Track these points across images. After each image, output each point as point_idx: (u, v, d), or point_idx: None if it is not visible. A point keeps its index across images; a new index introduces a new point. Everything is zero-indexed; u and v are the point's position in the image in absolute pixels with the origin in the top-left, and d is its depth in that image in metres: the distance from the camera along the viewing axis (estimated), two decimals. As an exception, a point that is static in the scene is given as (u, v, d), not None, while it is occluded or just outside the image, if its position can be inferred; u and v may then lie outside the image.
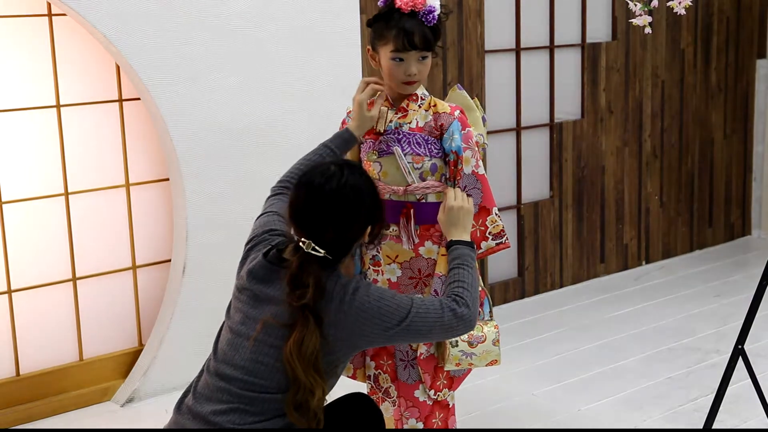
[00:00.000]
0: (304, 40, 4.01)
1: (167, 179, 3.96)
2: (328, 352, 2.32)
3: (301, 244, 2.34)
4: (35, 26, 3.64)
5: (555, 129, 5.11)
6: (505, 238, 2.92)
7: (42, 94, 3.69)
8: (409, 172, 2.88)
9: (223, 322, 2.47)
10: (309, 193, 2.35)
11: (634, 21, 3.05)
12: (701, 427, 3.24)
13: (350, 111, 3.03)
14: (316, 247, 2.32)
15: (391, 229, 2.92)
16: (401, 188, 2.89)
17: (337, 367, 2.40)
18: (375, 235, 2.46)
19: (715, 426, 3.18)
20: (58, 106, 3.71)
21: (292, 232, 2.41)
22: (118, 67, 3.80)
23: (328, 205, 2.34)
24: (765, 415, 3.15)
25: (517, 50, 4.93)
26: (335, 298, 2.32)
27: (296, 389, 2.27)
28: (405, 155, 2.88)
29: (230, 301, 2.48)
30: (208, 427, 2.31)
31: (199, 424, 2.33)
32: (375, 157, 2.91)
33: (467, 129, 2.89)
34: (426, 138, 2.88)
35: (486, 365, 2.92)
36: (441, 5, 2.85)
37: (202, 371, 2.46)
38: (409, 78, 2.82)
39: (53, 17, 3.66)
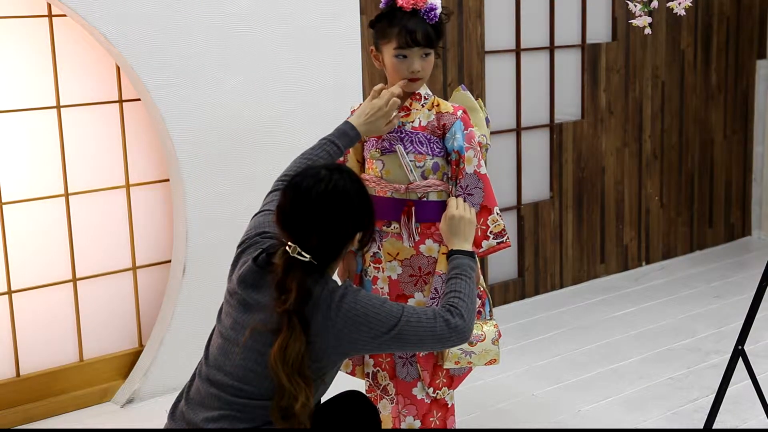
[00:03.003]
0: (304, 41, 4.02)
1: (167, 180, 3.96)
2: (316, 359, 2.30)
3: (287, 248, 2.31)
4: (35, 27, 3.65)
5: (555, 129, 5.12)
6: (506, 237, 2.93)
7: (42, 95, 3.69)
8: (411, 170, 2.90)
9: (215, 326, 2.46)
10: (295, 197, 2.33)
11: (634, 22, 3.05)
12: (701, 427, 3.24)
13: (354, 110, 3.04)
14: (302, 252, 2.30)
15: (392, 227, 2.93)
16: (403, 186, 2.90)
17: (326, 375, 2.38)
18: (364, 243, 2.43)
19: (715, 426, 3.18)
20: (58, 106, 3.71)
21: (279, 233, 2.38)
22: (118, 68, 3.80)
23: (314, 209, 2.31)
24: (765, 415, 3.15)
25: (517, 51, 4.93)
26: (322, 304, 2.29)
27: (281, 395, 2.25)
28: (407, 153, 2.90)
29: (221, 305, 2.46)
30: None
31: None
32: (378, 154, 2.93)
33: (470, 129, 2.91)
34: (428, 137, 2.90)
35: (485, 364, 2.93)
36: (442, 6, 2.87)
37: (194, 376, 2.45)
38: (412, 75, 2.85)
39: (53, 18, 3.66)
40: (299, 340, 2.25)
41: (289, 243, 2.32)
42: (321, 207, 2.31)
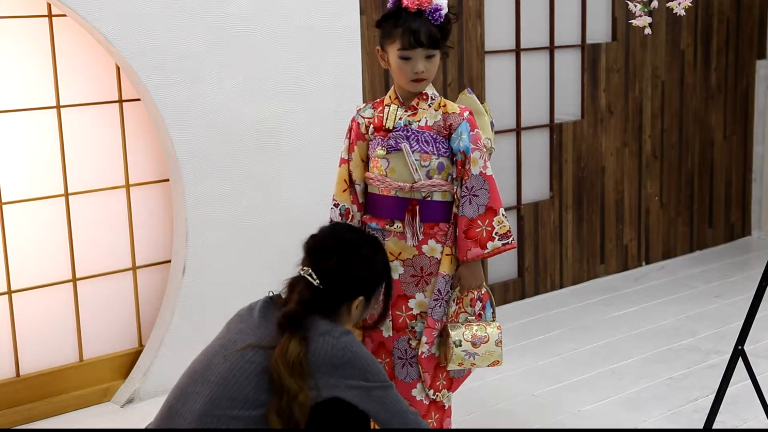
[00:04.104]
0: (304, 40, 4.02)
1: (167, 180, 3.96)
2: (315, 386, 2.36)
3: (301, 271, 2.47)
4: (35, 26, 3.65)
5: (555, 130, 5.11)
6: (511, 239, 2.93)
7: (42, 95, 3.69)
8: (416, 169, 2.90)
9: (179, 383, 2.49)
10: (333, 230, 2.60)
11: (634, 22, 3.05)
12: (701, 427, 3.24)
13: (360, 108, 3.05)
14: (312, 274, 2.44)
15: (395, 226, 2.93)
16: (408, 185, 2.91)
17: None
18: (362, 312, 2.54)
19: (715, 426, 3.18)
20: (58, 106, 3.71)
21: (300, 264, 2.53)
22: (118, 68, 3.80)
23: (344, 244, 2.52)
24: (765, 415, 3.15)
25: (517, 51, 4.93)
26: (324, 333, 2.37)
27: (279, 395, 2.30)
28: (413, 152, 2.90)
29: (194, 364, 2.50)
30: None
31: None
32: (383, 153, 2.93)
33: (476, 130, 2.91)
34: (434, 136, 2.91)
35: (488, 366, 2.94)
36: (448, 6, 2.87)
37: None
38: (416, 75, 2.85)
39: (53, 18, 3.66)
40: (299, 345, 2.32)
41: (303, 267, 2.48)
42: (351, 246, 2.51)
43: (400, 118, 2.92)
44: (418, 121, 2.92)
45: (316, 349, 2.34)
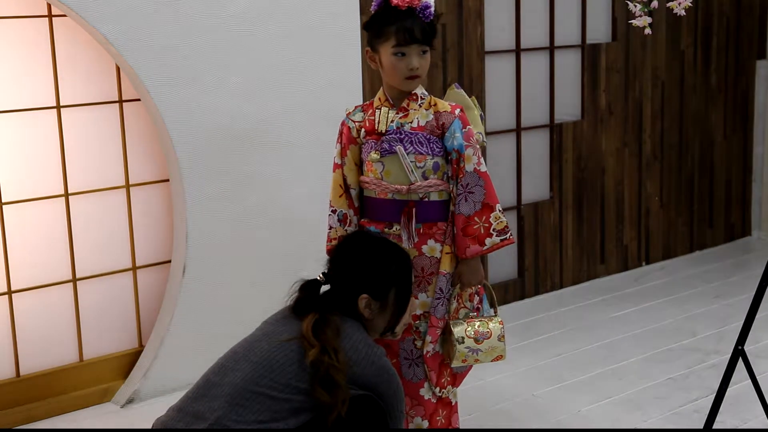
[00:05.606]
0: (304, 41, 4.02)
1: (167, 180, 3.96)
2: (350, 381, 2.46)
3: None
4: (35, 27, 3.65)
5: (555, 130, 5.11)
6: (509, 234, 2.93)
7: (42, 95, 3.69)
8: (411, 170, 2.90)
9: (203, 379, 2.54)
10: (353, 235, 2.82)
11: (634, 22, 3.06)
12: (701, 427, 3.24)
13: (350, 112, 3.04)
14: (324, 271, 2.60)
15: (393, 228, 2.94)
16: (404, 187, 2.90)
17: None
18: (375, 313, 2.61)
19: (715, 427, 3.17)
20: (58, 106, 3.71)
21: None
22: (118, 68, 3.81)
23: (352, 244, 2.69)
24: (765, 415, 3.15)
25: (517, 51, 4.93)
26: (367, 346, 2.49)
27: (317, 365, 2.38)
28: (407, 154, 2.90)
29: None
30: None
31: None
32: (377, 156, 2.93)
33: (468, 127, 2.92)
34: (428, 137, 2.91)
35: (492, 361, 2.96)
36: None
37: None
38: (411, 72, 2.86)
39: (53, 18, 3.66)
40: (313, 317, 2.46)
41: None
42: (359, 245, 2.65)
43: (392, 121, 2.92)
44: (410, 123, 2.92)
45: (358, 361, 2.44)
